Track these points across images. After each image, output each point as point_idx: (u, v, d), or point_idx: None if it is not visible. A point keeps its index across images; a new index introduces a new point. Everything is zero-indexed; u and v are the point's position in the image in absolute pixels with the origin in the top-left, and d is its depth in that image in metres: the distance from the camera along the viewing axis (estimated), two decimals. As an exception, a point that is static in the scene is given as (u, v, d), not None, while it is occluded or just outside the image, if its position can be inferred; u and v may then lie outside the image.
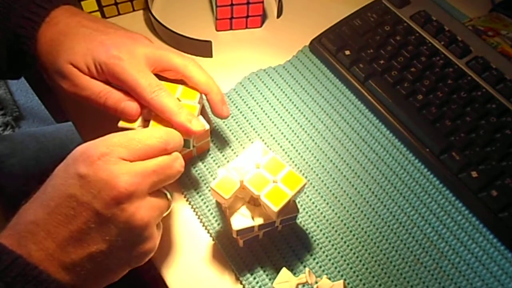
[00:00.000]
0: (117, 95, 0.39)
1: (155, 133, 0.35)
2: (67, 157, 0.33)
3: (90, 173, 0.31)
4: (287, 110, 0.50)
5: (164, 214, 0.37)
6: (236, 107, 0.50)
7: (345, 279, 0.40)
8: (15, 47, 0.41)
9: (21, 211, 0.32)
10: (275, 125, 0.49)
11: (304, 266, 0.41)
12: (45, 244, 0.31)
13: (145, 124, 0.40)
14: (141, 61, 0.39)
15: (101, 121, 0.39)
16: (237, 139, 0.48)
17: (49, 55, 0.40)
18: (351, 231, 0.43)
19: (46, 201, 0.32)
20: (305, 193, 0.45)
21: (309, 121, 0.49)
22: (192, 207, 0.44)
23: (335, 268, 0.41)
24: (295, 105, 0.51)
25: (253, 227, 0.37)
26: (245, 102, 0.50)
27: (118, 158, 0.32)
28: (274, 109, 0.50)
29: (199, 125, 0.39)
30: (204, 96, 0.43)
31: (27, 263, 0.30)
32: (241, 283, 0.40)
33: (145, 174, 0.33)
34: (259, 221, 0.37)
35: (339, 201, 0.44)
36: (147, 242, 0.34)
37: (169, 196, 0.37)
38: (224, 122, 0.49)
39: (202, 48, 0.54)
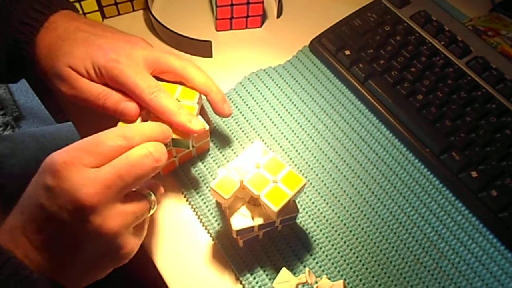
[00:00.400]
0: (116, 96, 0.39)
1: (116, 131, 0.34)
2: (40, 167, 0.33)
3: (54, 184, 0.31)
4: (287, 110, 0.50)
5: (148, 214, 0.36)
6: (236, 107, 0.50)
7: (345, 279, 0.40)
8: (14, 52, 0.41)
9: (12, 212, 0.34)
10: (275, 125, 0.49)
11: (304, 266, 0.41)
12: (25, 249, 0.32)
13: None
14: (139, 64, 0.39)
15: (100, 121, 0.39)
16: (237, 139, 0.48)
17: (48, 59, 0.40)
18: (351, 231, 0.43)
19: (22, 209, 0.33)
20: (305, 193, 0.45)
21: (309, 121, 0.49)
22: (192, 207, 0.44)
23: (335, 268, 0.41)
24: (295, 105, 0.51)
25: (253, 227, 0.37)
26: (245, 102, 0.50)
27: (81, 166, 0.31)
28: (274, 109, 0.50)
29: (199, 124, 0.39)
30: (204, 97, 0.43)
31: (19, 263, 0.31)
32: (241, 283, 0.40)
33: (108, 182, 0.31)
34: (259, 221, 0.37)
35: (339, 201, 0.44)
36: (121, 249, 0.34)
37: (152, 197, 0.36)
38: (224, 122, 0.49)
39: (202, 48, 0.54)
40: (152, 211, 0.37)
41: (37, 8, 0.40)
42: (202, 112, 0.46)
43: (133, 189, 0.36)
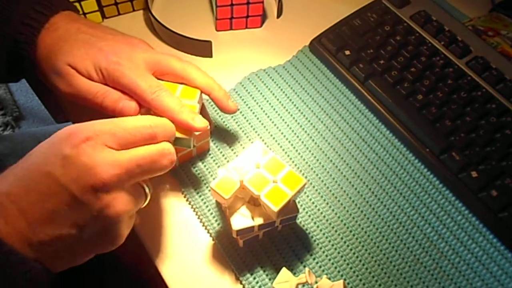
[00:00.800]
0: (115, 95, 0.39)
1: (144, 121, 0.34)
2: (52, 136, 0.32)
3: (73, 155, 0.30)
4: (287, 110, 0.50)
5: (142, 206, 0.36)
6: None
7: (345, 279, 0.40)
8: (14, 52, 0.41)
9: None
10: (275, 125, 0.49)
11: (304, 266, 0.41)
12: (15, 220, 0.30)
13: None
14: (140, 66, 0.40)
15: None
16: (237, 139, 0.48)
17: (48, 59, 0.40)
18: (351, 231, 0.43)
19: (23, 176, 0.31)
20: (305, 193, 0.45)
21: (309, 121, 0.49)
22: (192, 207, 0.44)
23: (335, 268, 0.41)
24: (295, 105, 0.51)
25: (253, 227, 0.37)
26: (245, 102, 0.50)
27: (103, 145, 0.32)
28: (274, 109, 0.50)
29: (202, 122, 0.39)
30: (206, 96, 0.43)
31: None
32: (241, 283, 0.40)
33: (128, 167, 0.32)
34: (259, 221, 0.37)
35: (339, 201, 0.44)
36: (117, 234, 0.34)
37: (147, 190, 0.36)
38: (224, 122, 0.49)
39: (202, 48, 0.54)
40: (145, 204, 0.37)
41: (37, 9, 0.40)
42: (203, 112, 0.46)
43: None
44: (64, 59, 0.39)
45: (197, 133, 0.39)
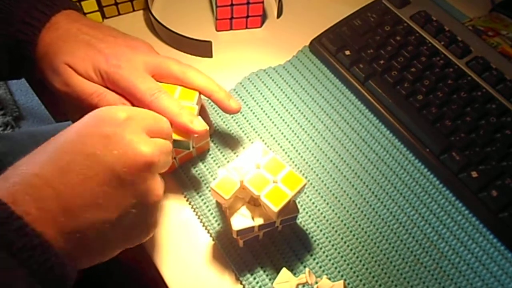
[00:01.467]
0: (111, 97, 0.39)
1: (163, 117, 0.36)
2: (86, 117, 0.32)
3: (117, 132, 0.30)
4: (287, 110, 0.50)
5: None
6: (236, 107, 0.50)
7: (345, 279, 0.40)
8: (16, 52, 0.41)
9: (17, 164, 0.29)
10: (275, 125, 0.49)
11: (304, 266, 0.41)
12: (48, 204, 0.28)
13: None
14: (139, 68, 0.40)
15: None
16: (237, 139, 0.48)
17: (46, 57, 0.40)
18: (351, 231, 0.43)
19: (56, 156, 0.29)
20: (305, 193, 0.45)
21: (309, 121, 0.49)
22: (192, 207, 0.44)
23: (335, 268, 0.41)
24: (295, 105, 0.51)
25: (253, 227, 0.37)
26: (245, 102, 0.50)
27: (141, 127, 0.32)
28: (274, 109, 0.50)
29: (201, 125, 0.39)
30: (206, 98, 0.43)
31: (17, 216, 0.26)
32: (241, 283, 0.40)
33: (164, 151, 0.33)
34: (259, 221, 0.37)
35: (339, 201, 0.44)
36: (153, 221, 0.33)
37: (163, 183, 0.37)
38: (224, 122, 0.49)
39: (202, 48, 0.54)
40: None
41: (39, 8, 0.40)
42: (202, 113, 0.46)
43: None
44: (62, 58, 0.39)
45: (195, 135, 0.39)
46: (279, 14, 0.60)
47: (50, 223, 0.27)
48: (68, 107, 0.50)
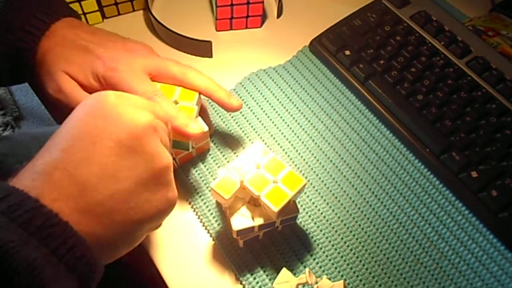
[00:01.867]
0: None
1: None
2: (83, 104, 0.32)
3: (115, 105, 0.31)
4: (287, 110, 0.50)
5: None
6: (236, 107, 0.50)
7: (345, 279, 0.40)
8: (16, 60, 0.41)
9: (33, 159, 0.30)
10: (275, 125, 0.49)
11: (304, 266, 0.41)
12: (61, 185, 0.28)
13: None
14: (137, 71, 0.40)
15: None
16: (237, 139, 0.48)
17: (44, 64, 0.40)
18: (351, 231, 0.43)
19: (59, 142, 0.30)
20: (305, 193, 0.45)
21: (309, 121, 0.49)
22: (192, 207, 0.44)
23: (335, 268, 0.41)
24: (295, 105, 0.51)
25: (253, 227, 0.37)
26: (245, 102, 0.50)
27: (133, 102, 0.33)
28: (274, 109, 0.50)
29: (197, 128, 0.39)
30: (206, 98, 0.43)
31: (36, 200, 0.26)
32: (241, 283, 0.40)
33: (159, 116, 0.34)
34: (259, 221, 0.37)
35: (339, 201, 0.44)
36: (170, 188, 0.33)
37: None
38: (224, 122, 0.49)
39: (202, 48, 0.54)
40: None
41: (39, 17, 0.40)
42: (203, 113, 0.46)
43: None
44: (60, 66, 0.39)
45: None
46: (279, 14, 0.60)
47: (67, 202, 0.27)
48: (57, 113, 0.50)
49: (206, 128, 0.41)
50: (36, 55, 0.40)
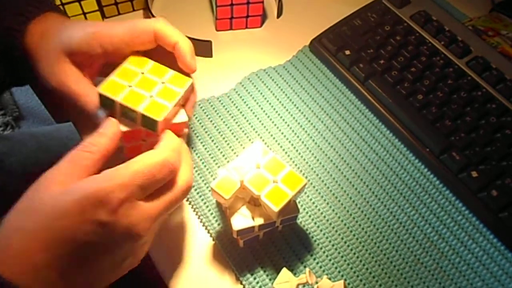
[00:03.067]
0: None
1: (166, 166, 0.33)
2: (76, 197, 0.30)
3: (112, 221, 0.30)
4: (287, 110, 0.50)
5: None
6: (236, 107, 0.50)
7: (345, 279, 0.40)
8: (6, 43, 0.41)
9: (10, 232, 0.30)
10: (275, 125, 0.49)
11: (305, 266, 0.41)
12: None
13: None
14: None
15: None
16: (237, 139, 0.48)
17: (41, 45, 0.40)
18: (351, 231, 0.43)
19: (47, 241, 0.29)
20: (305, 193, 0.45)
21: (309, 121, 0.49)
22: (192, 207, 0.44)
23: (336, 268, 0.41)
24: (295, 105, 0.51)
25: (253, 227, 0.37)
26: (245, 102, 0.50)
27: (136, 201, 0.32)
28: (274, 109, 0.50)
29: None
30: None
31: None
32: (241, 283, 0.40)
33: (158, 214, 0.33)
34: (260, 221, 0.37)
35: (339, 201, 0.44)
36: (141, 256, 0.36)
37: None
38: (224, 122, 0.49)
39: (202, 48, 0.54)
40: None
41: (31, 3, 0.41)
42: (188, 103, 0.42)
43: None
44: (60, 45, 0.38)
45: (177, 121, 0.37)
46: (279, 14, 0.60)
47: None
48: (56, 112, 0.50)
49: (185, 118, 0.38)
50: (28, 35, 0.40)
